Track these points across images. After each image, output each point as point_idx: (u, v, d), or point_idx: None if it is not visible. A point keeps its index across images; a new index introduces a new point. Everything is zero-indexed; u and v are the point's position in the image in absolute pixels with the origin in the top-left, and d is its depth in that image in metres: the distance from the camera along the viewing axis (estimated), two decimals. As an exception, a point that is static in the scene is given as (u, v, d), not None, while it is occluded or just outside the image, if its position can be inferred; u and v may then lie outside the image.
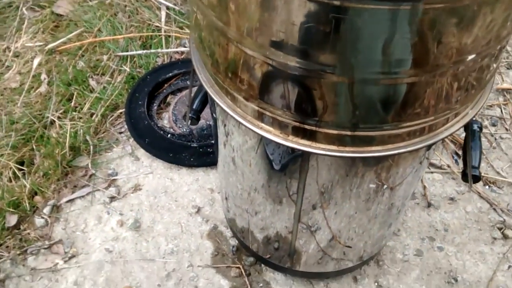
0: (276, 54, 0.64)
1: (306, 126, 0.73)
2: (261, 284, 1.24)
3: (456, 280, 1.28)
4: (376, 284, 1.26)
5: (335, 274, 1.24)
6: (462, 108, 0.77)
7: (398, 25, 0.56)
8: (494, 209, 1.44)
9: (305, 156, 0.84)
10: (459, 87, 0.70)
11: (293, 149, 0.80)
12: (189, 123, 1.08)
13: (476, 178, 0.93)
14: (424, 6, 0.54)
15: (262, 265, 1.27)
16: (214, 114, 1.00)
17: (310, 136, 0.74)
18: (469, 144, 0.93)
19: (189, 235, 1.32)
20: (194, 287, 1.23)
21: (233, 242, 1.31)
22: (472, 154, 0.94)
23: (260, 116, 0.76)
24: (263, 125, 0.77)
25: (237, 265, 1.27)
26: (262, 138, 0.85)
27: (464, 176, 0.96)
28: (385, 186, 0.94)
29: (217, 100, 0.81)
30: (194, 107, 1.05)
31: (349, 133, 0.72)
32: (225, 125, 0.96)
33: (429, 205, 1.44)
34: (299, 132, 0.75)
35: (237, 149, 0.97)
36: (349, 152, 0.75)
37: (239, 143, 0.94)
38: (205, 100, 1.08)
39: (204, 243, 1.31)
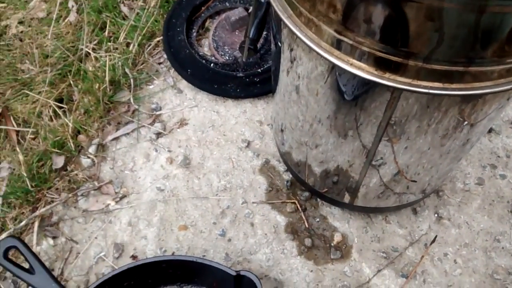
0: None
1: (410, 62, 0.60)
2: (317, 219, 1.17)
3: (519, 209, 1.19)
4: (436, 215, 1.18)
5: (395, 209, 1.16)
6: None
7: None
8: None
9: (395, 93, 0.71)
10: None
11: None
12: (246, 54, 0.97)
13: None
14: None
15: (318, 199, 1.20)
16: (277, 39, 0.87)
17: (413, 73, 0.62)
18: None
19: (240, 170, 1.23)
20: (250, 223, 1.16)
21: (287, 176, 1.23)
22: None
23: (352, 51, 0.64)
24: (353, 61, 0.65)
25: (292, 200, 1.19)
26: (334, 66, 0.72)
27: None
28: (466, 123, 0.83)
29: (298, 34, 0.68)
30: (251, 36, 0.93)
31: (461, 68, 0.60)
32: (291, 50, 0.82)
33: (490, 130, 1.32)
34: (400, 68, 0.62)
35: (303, 77, 0.84)
36: (456, 89, 0.63)
37: (307, 69, 0.81)
38: (262, 27, 0.95)
39: (256, 178, 1.22)
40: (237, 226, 1.15)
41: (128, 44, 1.42)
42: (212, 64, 1.37)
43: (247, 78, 1.33)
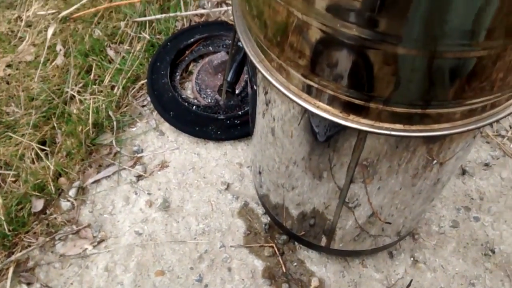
0: (334, 21, 0.54)
1: (372, 105, 0.62)
2: (295, 263, 1.17)
3: (493, 252, 1.19)
4: (412, 259, 1.18)
5: (371, 252, 1.16)
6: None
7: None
8: (531, 174, 1.33)
9: (361, 135, 0.73)
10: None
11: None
12: (224, 97, 0.98)
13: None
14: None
15: (296, 243, 1.19)
16: (253, 82, 0.88)
17: (375, 115, 0.64)
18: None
19: (219, 213, 1.23)
20: (227, 268, 1.15)
21: (265, 219, 1.23)
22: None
23: (318, 94, 0.66)
24: (320, 103, 0.67)
25: (270, 244, 1.19)
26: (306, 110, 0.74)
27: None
28: (435, 161, 0.84)
29: (269, 78, 0.70)
30: (229, 79, 0.94)
31: (419, 110, 0.62)
32: (266, 93, 0.85)
33: (463, 172, 1.33)
34: (362, 111, 0.64)
35: (278, 119, 0.86)
36: (416, 131, 0.65)
37: (281, 112, 0.84)
38: (240, 71, 0.97)
39: (235, 221, 1.22)
40: (214, 271, 1.15)
41: (113, 87, 1.44)
42: (194, 107, 1.38)
43: (228, 121, 1.35)
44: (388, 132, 0.65)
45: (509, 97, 0.65)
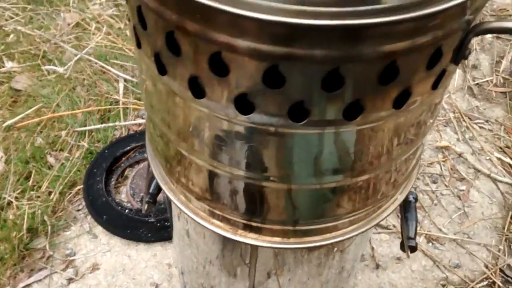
0: (220, 165, 0.65)
1: (253, 223, 0.73)
2: None
3: None
4: None
5: None
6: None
7: (325, 144, 0.58)
8: (438, 266, 1.45)
9: (253, 246, 0.84)
10: (389, 183, 0.72)
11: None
12: (145, 207, 1.07)
13: (413, 249, 0.94)
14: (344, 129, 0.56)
15: None
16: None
17: (257, 231, 0.75)
18: (404, 215, 0.95)
19: (147, 314, 1.28)
20: None
21: (191, 318, 1.27)
22: (408, 225, 0.95)
23: (211, 214, 0.76)
24: (214, 220, 0.77)
25: None
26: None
27: (402, 247, 0.97)
28: (335, 249, 0.95)
29: (171, 198, 0.81)
30: (150, 191, 1.04)
31: (291, 228, 0.73)
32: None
33: (377, 266, 1.44)
34: (246, 228, 0.75)
35: (190, 221, 0.95)
36: (292, 243, 0.76)
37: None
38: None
39: (162, 322, 1.27)
40: None
41: (50, 193, 1.51)
42: (126, 210, 1.46)
43: (158, 223, 1.43)
44: (270, 245, 0.76)
45: (368, 213, 0.78)
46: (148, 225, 1.42)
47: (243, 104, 0.54)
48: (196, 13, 0.46)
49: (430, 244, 1.52)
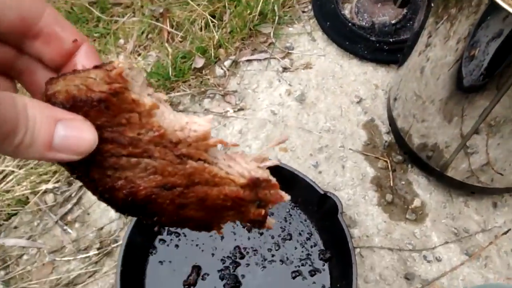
0: None
1: None
2: (403, 182, 1.22)
3: None
4: (515, 216, 1.19)
5: (480, 191, 1.17)
6: None
7: None
8: None
9: (497, 96, 0.80)
10: None
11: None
12: (399, 3, 1.05)
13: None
14: None
15: (409, 165, 1.25)
16: (423, 22, 0.96)
17: None
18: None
19: (346, 119, 1.31)
20: (341, 165, 1.24)
21: (387, 138, 1.28)
22: None
23: None
24: None
25: (385, 159, 1.25)
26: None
27: None
28: None
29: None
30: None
31: None
32: (429, 36, 0.93)
33: None
34: None
35: (432, 61, 0.95)
36: None
37: (437, 56, 0.92)
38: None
39: (359, 131, 1.30)
40: (330, 164, 1.24)
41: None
42: (350, 24, 1.44)
43: (378, 44, 1.39)
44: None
45: None
46: (367, 43, 1.40)
47: None
48: None
49: None
